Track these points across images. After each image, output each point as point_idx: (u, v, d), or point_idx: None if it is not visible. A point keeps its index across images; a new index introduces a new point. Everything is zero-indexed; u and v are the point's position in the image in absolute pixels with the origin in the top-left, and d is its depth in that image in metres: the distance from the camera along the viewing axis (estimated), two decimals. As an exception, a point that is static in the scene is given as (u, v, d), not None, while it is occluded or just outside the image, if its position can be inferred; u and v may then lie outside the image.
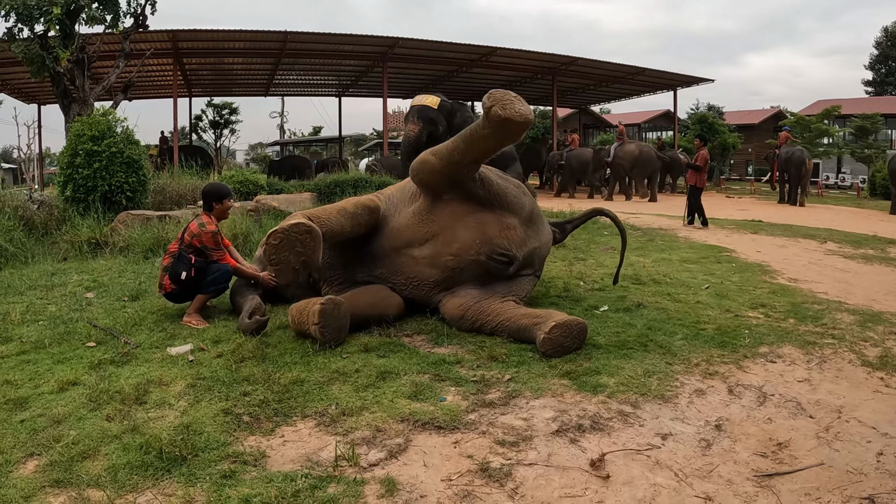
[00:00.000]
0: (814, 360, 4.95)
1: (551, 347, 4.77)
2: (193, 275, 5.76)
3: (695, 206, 13.73)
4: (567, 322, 4.85)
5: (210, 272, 5.83)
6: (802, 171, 20.38)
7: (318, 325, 4.90)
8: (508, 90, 4.88)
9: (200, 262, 5.81)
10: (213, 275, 5.83)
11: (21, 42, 13.28)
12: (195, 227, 5.88)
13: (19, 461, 3.28)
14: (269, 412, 3.83)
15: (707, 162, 13.89)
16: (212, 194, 6.09)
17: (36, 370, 4.58)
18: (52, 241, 10.11)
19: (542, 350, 4.78)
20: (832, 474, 3.26)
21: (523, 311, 5.26)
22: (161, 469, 3.15)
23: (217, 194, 6.07)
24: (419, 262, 5.60)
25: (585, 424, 3.71)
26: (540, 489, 3.05)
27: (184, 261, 5.79)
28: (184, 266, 5.77)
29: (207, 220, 5.92)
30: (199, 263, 5.80)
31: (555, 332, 4.76)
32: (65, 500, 2.92)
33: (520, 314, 5.20)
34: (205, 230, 5.84)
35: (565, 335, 4.82)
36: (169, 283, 5.82)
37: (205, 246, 5.85)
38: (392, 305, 5.63)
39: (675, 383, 4.37)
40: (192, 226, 5.93)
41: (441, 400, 4.02)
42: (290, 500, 2.87)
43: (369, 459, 3.29)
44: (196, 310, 5.85)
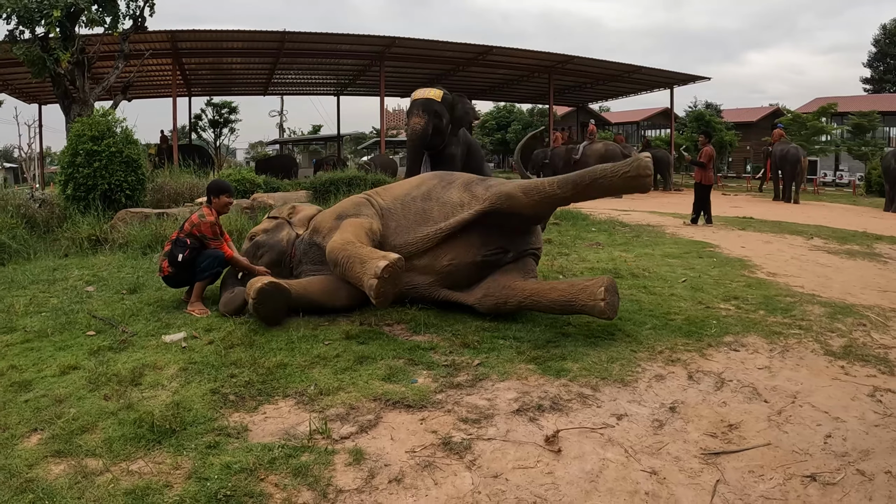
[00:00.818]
0: (777, 349, 5.15)
1: (611, 311, 5.16)
2: (188, 255, 6.16)
3: (701, 203, 13.60)
4: (609, 283, 5.19)
5: (203, 257, 6.19)
6: (798, 168, 20.59)
7: (255, 300, 5.31)
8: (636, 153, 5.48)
9: (195, 244, 6.20)
10: (206, 260, 6.19)
11: (22, 44, 13.51)
12: (196, 217, 6.31)
13: (24, 435, 3.59)
14: (253, 392, 4.15)
15: (712, 158, 13.77)
16: (212, 189, 6.52)
17: (39, 356, 4.90)
18: (54, 238, 10.43)
19: (604, 316, 5.13)
20: (777, 454, 3.47)
21: (549, 285, 5.52)
22: (152, 441, 3.47)
23: (217, 189, 6.48)
24: (419, 271, 5.92)
25: (545, 405, 4.00)
26: (496, 461, 3.34)
27: (180, 243, 6.23)
28: (179, 249, 6.19)
29: (207, 212, 6.31)
30: (193, 244, 6.19)
31: (608, 297, 5.11)
32: (65, 467, 3.23)
33: (546, 288, 5.47)
34: (204, 220, 6.24)
35: (612, 293, 5.19)
36: (167, 266, 6.22)
37: (203, 235, 6.22)
38: (342, 297, 5.92)
39: (636, 369, 4.63)
40: (193, 217, 6.35)
41: (412, 382, 4.33)
42: (266, 467, 3.21)
43: (341, 433, 3.61)
44: (198, 298, 6.22)
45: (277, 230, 6.88)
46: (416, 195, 6.18)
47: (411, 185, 6.43)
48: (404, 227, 5.99)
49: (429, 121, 10.74)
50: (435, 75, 27.80)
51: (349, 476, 3.17)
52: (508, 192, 5.57)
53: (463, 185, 6.07)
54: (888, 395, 4.28)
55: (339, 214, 6.24)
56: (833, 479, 3.22)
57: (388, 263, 4.94)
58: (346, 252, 5.33)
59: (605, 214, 14.39)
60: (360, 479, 3.16)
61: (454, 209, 5.86)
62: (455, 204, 5.88)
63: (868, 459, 3.42)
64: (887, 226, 14.25)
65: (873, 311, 6.36)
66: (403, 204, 6.16)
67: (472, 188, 5.96)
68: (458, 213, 5.80)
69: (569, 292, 5.27)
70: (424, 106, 10.84)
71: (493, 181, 6.07)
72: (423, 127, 10.74)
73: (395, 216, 6.11)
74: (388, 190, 6.56)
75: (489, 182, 6.03)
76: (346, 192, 14.16)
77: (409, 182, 6.56)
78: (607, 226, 12.71)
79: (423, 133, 10.76)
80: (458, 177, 6.33)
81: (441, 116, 10.81)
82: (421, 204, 6.07)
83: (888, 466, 3.34)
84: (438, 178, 6.35)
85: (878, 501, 3.04)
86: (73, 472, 3.17)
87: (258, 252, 6.72)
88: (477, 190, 5.89)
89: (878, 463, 3.38)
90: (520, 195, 5.51)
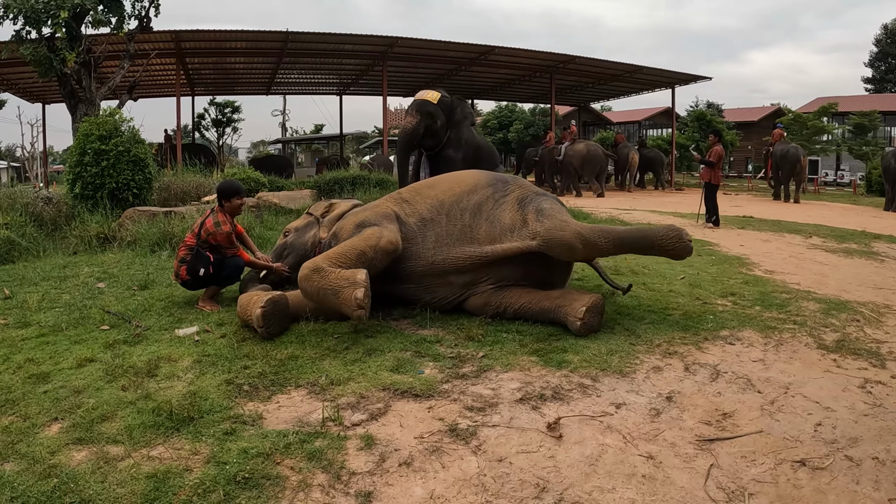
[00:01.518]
0: (771, 343, 5.28)
1: (586, 331, 5.29)
2: (212, 272, 6.22)
3: (710, 204, 13.35)
4: (593, 304, 5.32)
5: (226, 267, 6.28)
6: (797, 168, 20.70)
7: (263, 327, 5.18)
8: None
9: (218, 258, 6.24)
10: (229, 269, 6.31)
11: (29, 44, 13.64)
12: (211, 225, 6.26)
13: (44, 424, 3.73)
14: (266, 382, 4.31)
15: (721, 158, 13.59)
16: (224, 191, 6.44)
17: (55, 350, 5.03)
18: (62, 237, 10.56)
19: (579, 333, 5.27)
20: (769, 440, 3.60)
21: (541, 295, 5.60)
22: (171, 428, 3.63)
23: (229, 191, 6.42)
24: (454, 286, 5.85)
25: (547, 394, 4.15)
26: (500, 446, 3.50)
27: (202, 258, 6.20)
28: (202, 263, 6.18)
29: (223, 220, 6.28)
30: (216, 261, 6.23)
31: (587, 317, 5.27)
32: (87, 454, 3.37)
33: (539, 297, 5.58)
34: (220, 230, 6.22)
35: (594, 314, 5.34)
36: (185, 273, 6.22)
37: (220, 245, 6.28)
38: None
39: (635, 361, 4.77)
40: (208, 223, 6.29)
41: (419, 373, 4.49)
42: (281, 451, 3.36)
43: (352, 420, 3.77)
44: (211, 297, 6.38)
45: (306, 230, 6.72)
46: (465, 206, 5.88)
47: (463, 189, 6.05)
48: (446, 242, 5.73)
49: (420, 121, 10.86)
50: (437, 75, 27.89)
51: (361, 460, 3.33)
52: (570, 245, 5.48)
53: (517, 203, 5.85)
54: (878, 386, 4.40)
55: (361, 223, 5.86)
56: (822, 465, 3.34)
57: (364, 290, 4.89)
58: (313, 282, 5.11)
59: (606, 213, 14.49)
60: (371, 462, 3.31)
61: (503, 233, 5.68)
62: (505, 227, 5.70)
63: (856, 446, 3.54)
64: (886, 225, 14.33)
65: (867, 308, 6.47)
66: (449, 215, 5.85)
67: (525, 211, 5.76)
68: (507, 238, 5.64)
69: (556, 304, 5.46)
70: (419, 107, 10.97)
71: (546, 205, 5.85)
72: (413, 127, 10.89)
73: (438, 227, 5.83)
74: (431, 192, 6.17)
75: (543, 206, 5.80)
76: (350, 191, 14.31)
77: (461, 185, 6.12)
78: (608, 224, 12.78)
79: (413, 132, 10.91)
80: (513, 188, 6.05)
81: (435, 118, 10.91)
82: (469, 220, 5.79)
83: (875, 453, 3.45)
84: (493, 188, 6.01)
85: (864, 485, 3.16)
86: (94, 458, 3.30)
87: (284, 253, 6.64)
88: (530, 216, 5.68)
89: (865, 449, 3.49)
90: (579, 248, 5.51)
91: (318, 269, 5.15)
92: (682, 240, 5.58)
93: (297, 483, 3.09)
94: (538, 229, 5.54)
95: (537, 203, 5.84)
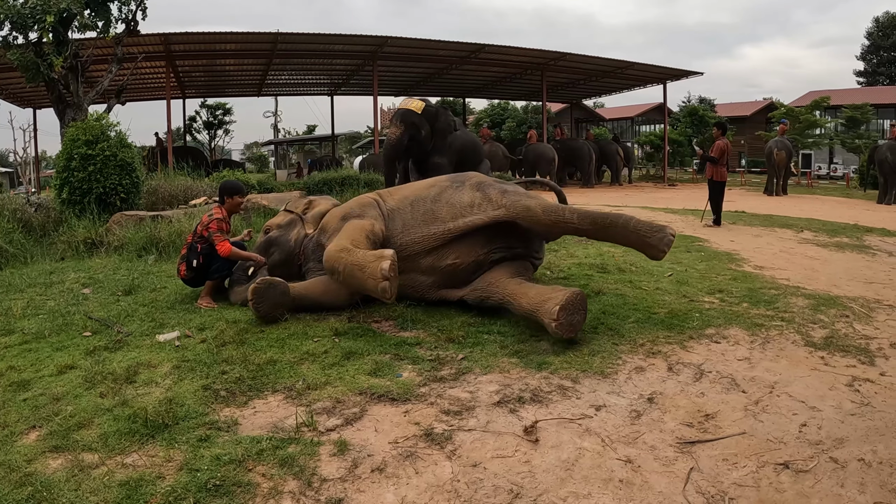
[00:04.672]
0: (757, 341, 5.23)
1: (565, 331, 4.93)
2: (202, 261, 6.49)
3: (714, 202, 12.68)
4: (567, 301, 4.93)
5: (215, 261, 6.49)
6: (772, 161, 20.79)
7: (252, 300, 5.55)
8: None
9: (206, 249, 6.48)
10: (217, 263, 6.50)
11: (16, 49, 13.57)
12: (206, 217, 6.61)
13: (23, 432, 3.74)
14: (243, 387, 4.30)
15: (724, 153, 12.67)
16: (226, 189, 6.84)
17: (37, 357, 5.04)
18: (50, 242, 10.53)
19: (558, 336, 4.94)
20: (752, 442, 3.56)
21: (522, 290, 5.42)
22: (146, 435, 3.62)
23: (229, 190, 6.80)
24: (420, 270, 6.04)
25: (526, 397, 4.12)
26: (475, 451, 3.48)
27: (193, 251, 6.56)
28: (193, 255, 6.54)
29: (217, 211, 6.62)
30: (205, 251, 6.48)
31: (562, 316, 4.88)
32: (62, 462, 3.37)
33: (519, 292, 5.41)
34: (212, 218, 6.53)
35: (571, 312, 4.96)
36: (184, 270, 6.60)
37: (210, 232, 6.49)
38: (343, 295, 6.03)
39: (617, 361, 4.73)
40: (204, 218, 6.65)
41: (398, 376, 4.48)
42: (254, 458, 3.35)
43: (327, 425, 3.75)
44: (207, 294, 6.55)
45: (290, 227, 6.90)
46: (426, 196, 6.22)
47: (423, 185, 6.49)
48: (411, 225, 6.03)
49: (404, 132, 11.04)
50: (428, 74, 27.89)
51: (333, 466, 3.31)
52: (528, 207, 5.73)
53: (475, 186, 6.15)
54: (866, 384, 4.37)
55: (345, 215, 6.26)
56: (806, 467, 3.30)
57: (391, 262, 5.08)
58: (341, 260, 5.39)
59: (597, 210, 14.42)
60: (343, 468, 3.29)
61: (464, 210, 5.93)
62: (465, 204, 5.95)
63: (842, 447, 3.50)
64: (879, 218, 14.27)
65: (857, 303, 6.44)
66: (413, 203, 6.19)
67: (485, 189, 6.04)
68: (469, 214, 5.88)
69: (534, 303, 5.21)
70: (402, 117, 11.15)
71: (509, 186, 6.16)
72: (397, 137, 11.09)
73: (403, 215, 6.14)
74: (400, 190, 6.60)
75: (506, 187, 6.10)
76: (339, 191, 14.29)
77: (422, 183, 6.61)
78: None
79: (398, 143, 11.11)
80: (471, 176, 6.41)
81: (419, 128, 11.09)
82: (430, 205, 6.09)
83: (861, 454, 3.42)
84: (451, 180, 6.40)
85: (849, 488, 3.12)
86: (70, 466, 3.31)
87: (270, 249, 6.79)
88: (491, 193, 5.97)
89: (851, 451, 3.46)
90: (539, 213, 5.69)
91: (344, 248, 5.47)
92: (663, 232, 5.44)
93: (268, 490, 3.08)
94: (503, 200, 5.87)
95: (501, 186, 6.16)
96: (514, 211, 5.76)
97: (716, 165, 12.68)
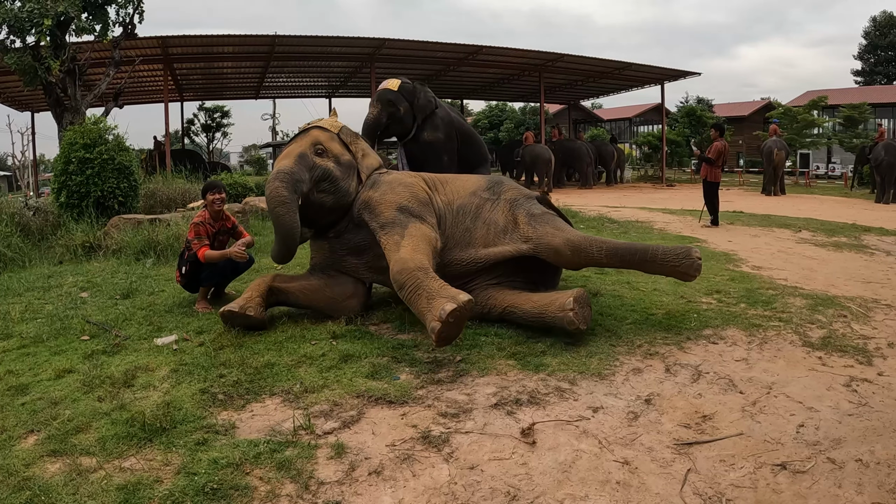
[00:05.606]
0: (755, 342, 5.25)
1: (581, 321, 5.06)
2: (189, 269, 6.49)
3: (709, 202, 12.74)
4: (579, 295, 5.14)
5: (204, 269, 6.48)
6: (772, 160, 20.86)
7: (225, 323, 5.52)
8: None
9: (192, 256, 6.45)
10: (205, 271, 6.49)
11: (13, 53, 13.57)
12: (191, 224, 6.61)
13: (21, 436, 3.74)
14: (241, 391, 4.31)
15: (721, 154, 12.78)
16: (202, 190, 6.89)
17: (35, 361, 5.04)
18: (48, 246, 10.49)
19: (573, 326, 5.01)
20: (749, 443, 3.58)
21: (525, 297, 5.47)
22: (144, 439, 3.63)
23: (204, 189, 6.83)
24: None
25: (523, 399, 4.14)
26: (472, 453, 3.49)
27: (182, 257, 6.64)
28: (182, 263, 6.60)
29: (199, 215, 6.63)
30: (191, 258, 6.45)
31: (577, 307, 5.04)
32: (60, 466, 3.37)
33: (522, 299, 5.45)
34: (192, 223, 6.56)
35: (583, 305, 5.14)
36: (178, 276, 6.68)
37: (188, 240, 6.52)
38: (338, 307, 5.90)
39: (614, 363, 4.75)
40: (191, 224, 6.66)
41: (395, 379, 4.49)
42: (252, 461, 3.36)
43: (324, 428, 3.77)
44: (203, 298, 6.59)
45: (349, 171, 5.96)
46: (468, 206, 5.99)
47: (467, 189, 6.18)
48: (451, 245, 5.78)
49: (382, 110, 10.95)
50: (426, 76, 27.84)
51: (330, 469, 3.32)
52: (557, 250, 5.59)
53: (508, 205, 5.96)
54: (864, 384, 4.38)
55: (403, 207, 5.64)
56: (803, 468, 3.32)
57: (456, 307, 4.45)
58: (416, 280, 4.81)
59: (594, 211, 14.43)
60: (340, 471, 3.30)
61: (497, 236, 5.79)
62: (499, 228, 5.83)
63: (839, 448, 3.51)
64: (877, 217, 14.28)
65: (855, 303, 6.45)
66: (455, 218, 5.94)
67: (517, 212, 5.87)
68: (499, 243, 5.75)
69: (540, 304, 5.28)
70: (379, 96, 11.07)
71: (536, 209, 5.95)
72: (374, 116, 10.98)
73: (446, 227, 5.86)
74: (446, 184, 6.23)
75: (533, 210, 5.91)
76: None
77: (465, 184, 6.26)
78: (596, 223, 12.75)
79: (375, 122, 11.00)
80: (505, 189, 6.17)
81: (397, 105, 10.96)
82: (470, 222, 5.90)
83: (859, 454, 3.43)
84: (489, 189, 6.15)
85: (847, 489, 3.13)
86: (68, 470, 3.31)
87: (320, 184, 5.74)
88: (521, 218, 5.81)
89: (849, 451, 3.47)
90: (567, 255, 5.60)
91: (423, 267, 4.94)
92: (689, 256, 5.43)
93: (266, 493, 3.09)
94: (530, 234, 5.69)
95: (528, 207, 5.96)
96: (540, 249, 5.65)
97: (712, 167, 12.76)
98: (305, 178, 5.59)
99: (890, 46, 57.55)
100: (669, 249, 5.50)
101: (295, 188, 5.49)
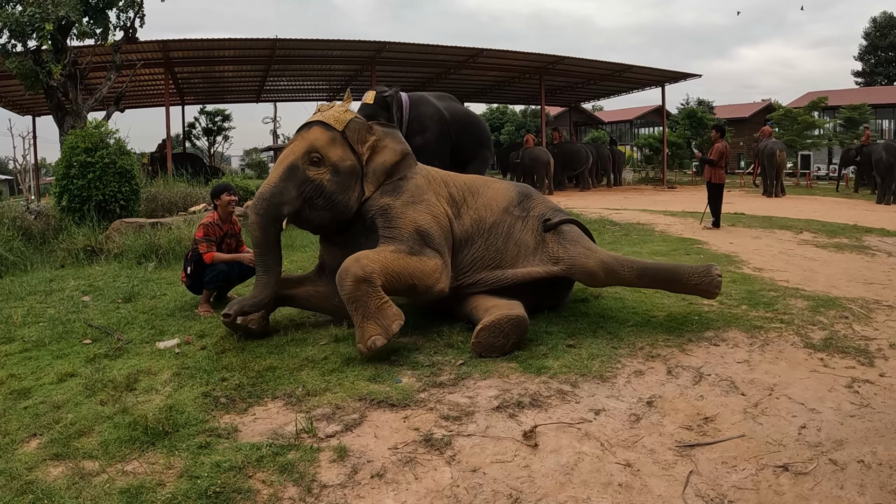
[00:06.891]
0: (757, 343, 5.23)
1: (481, 350, 4.92)
2: (194, 268, 6.50)
3: (712, 204, 12.59)
4: (494, 322, 4.90)
5: (207, 272, 6.48)
6: (774, 162, 20.86)
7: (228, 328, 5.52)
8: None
9: (196, 256, 6.48)
10: (209, 275, 6.48)
11: (15, 57, 13.59)
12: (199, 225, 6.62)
13: (23, 440, 3.76)
14: (243, 394, 4.32)
15: (723, 155, 12.69)
16: (213, 192, 6.91)
17: (37, 365, 5.06)
18: (50, 250, 10.53)
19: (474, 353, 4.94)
20: (751, 445, 3.58)
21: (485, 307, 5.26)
22: (146, 442, 3.64)
23: (216, 191, 6.82)
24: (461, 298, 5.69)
25: (525, 401, 4.14)
26: (475, 456, 3.50)
27: (187, 260, 6.62)
28: (187, 263, 6.62)
29: (208, 216, 6.64)
30: (195, 257, 6.48)
31: (482, 336, 4.90)
32: (63, 469, 3.39)
33: (483, 308, 5.26)
34: (201, 223, 6.57)
35: (494, 335, 4.90)
36: (183, 276, 6.67)
37: (195, 239, 6.51)
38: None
39: (616, 365, 4.75)
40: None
41: (397, 382, 4.49)
42: (254, 465, 3.37)
43: (326, 431, 3.77)
44: (205, 301, 6.58)
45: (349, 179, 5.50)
46: (500, 230, 5.77)
47: (500, 206, 5.92)
48: (479, 264, 5.64)
49: None
50: (426, 79, 27.86)
51: (333, 472, 3.33)
52: (592, 272, 5.61)
53: (537, 223, 5.88)
54: (866, 385, 4.37)
55: (422, 232, 5.30)
56: (805, 469, 3.32)
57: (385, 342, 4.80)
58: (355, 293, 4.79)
59: (596, 214, 14.40)
60: (343, 474, 3.31)
61: (527, 256, 5.72)
62: (529, 249, 5.75)
63: (841, 449, 3.51)
64: (878, 218, 14.21)
65: (856, 304, 6.43)
66: (487, 239, 5.73)
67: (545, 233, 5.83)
68: (529, 263, 5.67)
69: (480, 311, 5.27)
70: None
71: (566, 227, 5.89)
72: None
73: (475, 246, 5.69)
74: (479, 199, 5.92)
75: (563, 228, 5.87)
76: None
77: (499, 201, 5.96)
78: (597, 225, 12.66)
79: None
80: (534, 205, 6.04)
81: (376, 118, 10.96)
82: (502, 244, 5.72)
83: (861, 455, 3.43)
84: (520, 207, 5.97)
85: (849, 490, 3.13)
86: (70, 474, 3.33)
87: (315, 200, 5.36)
88: (549, 236, 5.77)
89: (851, 452, 3.47)
90: (601, 277, 5.65)
91: (370, 281, 4.79)
92: (710, 274, 5.48)
93: (268, 497, 3.10)
94: (561, 254, 5.67)
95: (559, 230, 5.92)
96: (574, 271, 5.65)
97: (714, 168, 12.75)
98: (291, 197, 5.24)
99: (890, 47, 57.52)
100: (693, 269, 5.57)
101: (276, 217, 5.28)
